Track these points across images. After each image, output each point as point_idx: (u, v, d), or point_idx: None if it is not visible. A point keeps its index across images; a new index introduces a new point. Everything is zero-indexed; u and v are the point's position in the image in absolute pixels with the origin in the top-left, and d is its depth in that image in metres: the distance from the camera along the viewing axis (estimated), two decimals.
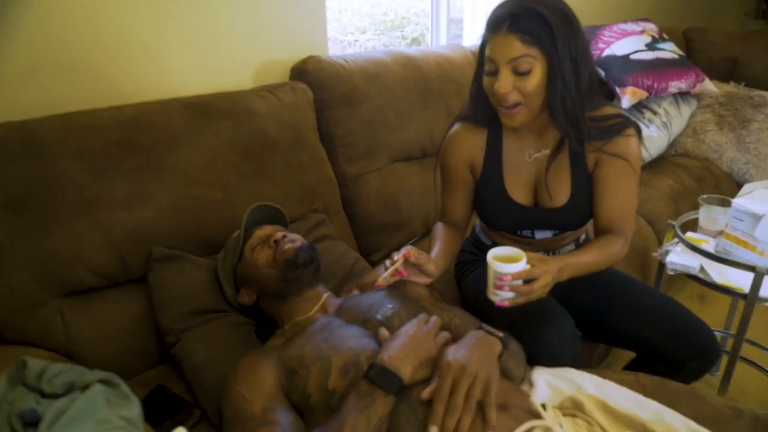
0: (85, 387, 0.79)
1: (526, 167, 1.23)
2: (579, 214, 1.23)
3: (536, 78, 1.04)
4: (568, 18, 1.04)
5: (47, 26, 1.24)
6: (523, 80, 1.05)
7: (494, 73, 1.07)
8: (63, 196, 1.15)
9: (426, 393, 0.84)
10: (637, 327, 1.24)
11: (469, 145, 1.26)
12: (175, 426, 1.00)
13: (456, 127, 1.29)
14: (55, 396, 0.78)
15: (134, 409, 0.78)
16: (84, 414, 0.71)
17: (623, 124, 1.15)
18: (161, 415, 1.06)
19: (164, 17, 1.42)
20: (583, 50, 1.06)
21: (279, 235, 1.16)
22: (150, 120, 1.29)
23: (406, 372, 0.84)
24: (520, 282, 1.01)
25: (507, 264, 1.00)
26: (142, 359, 1.24)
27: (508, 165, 1.24)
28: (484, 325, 0.99)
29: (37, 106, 1.23)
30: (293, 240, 1.17)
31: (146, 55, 1.42)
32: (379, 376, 0.82)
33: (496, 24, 1.05)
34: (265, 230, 1.20)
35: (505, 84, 1.05)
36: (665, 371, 1.22)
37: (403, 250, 1.10)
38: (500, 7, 1.06)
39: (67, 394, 0.77)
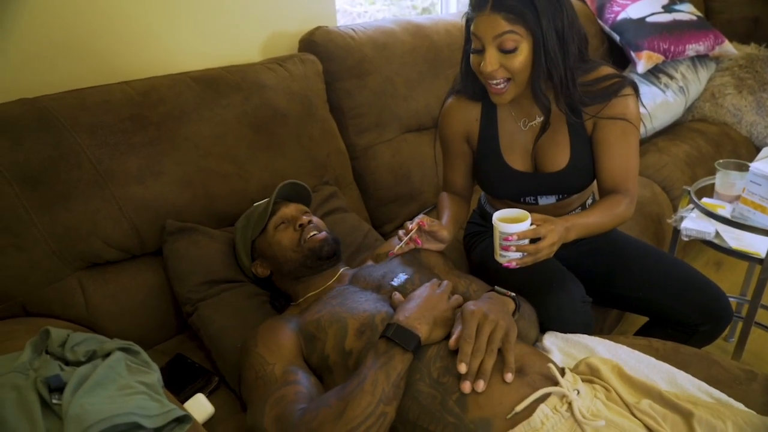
0: (106, 355, 0.82)
1: (522, 135, 1.23)
2: (580, 177, 1.22)
3: (522, 55, 1.04)
4: None
5: (55, 7, 1.25)
6: (509, 58, 1.05)
7: (480, 51, 1.07)
8: (78, 172, 1.16)
9: (452, 342, 0.86)
10: (648, 291, 1.24)
11: (463, 118, 1.27)
12: (194, 392, 1.04)
13: (450, 100, 1.29)
14: (78, 363, 0.80)
15: (154, 375, 0.80)
16: (106, 380, 0.74)
17: (619, 85, 1.13)
18: (181, 383, 1.09)
19: None
20: (569, 22, 1.05)
21: (305, 219, 1.17)
22: (160, 94, 1.30)
23: (423, 330, 0.86)
24: (526, 242, 1.01)
25: (512, 224, 1.00)
26: (161, 330, 1.27)
27: (503, 134, 1.24)
28: (497, 287, 1.01)
29: (47, 85, 1.24)
30: (318, 228, 1.18)
31: (152, 31, 1.42)
32: (396, 335, 0.84)
33: (480, 2, 1.04)
34: (291, 209, 1.21)
35: (491, 62, 1.05)
36: (678, 335, 1.23)
37: (417, 219, 1.11)
38: None
39: (90, 362, 0.80)
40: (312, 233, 1.15)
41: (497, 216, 1.03)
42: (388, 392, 0.79)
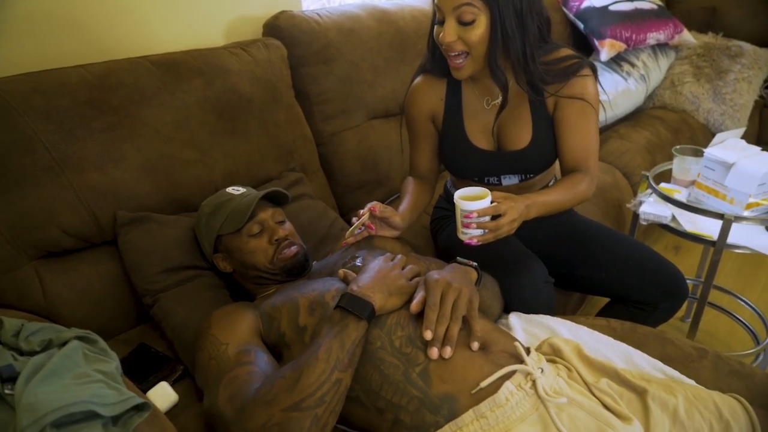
0: (62, 344, 0.80)
1: (486, 114, 1.25)
2: (541, 155, 1.24)
3: (480, 29, 1.06)
4: None
5: None
6: (467, 30, 1.07)
7: (441, 23, 1.09)
8: (33, 157, 1.12)
9: (414, 306, 0.88)
10: (610, 272, 1.27)
11: (429, 98, 1.28)
12: (158, 381, 1.02)
13: (417, 80, 1.30)
14: (32, 353, 0.78)
15: (112, 364, 0.79)
16: (61, 368, 0.72)
17: (578, 65, 1.16)
18: (145, 371, 1.08)
19: None
20: (529, 2, 1.06)
21: (281, 234, 1.12)
22: (119, 78, 1.26)
23: (376, 298, 0.87)
24: (487, 219, 1.03)
25: (473, 202, 1.02)
26: (123, 319, 1.25)
27: (467, 113, 1.26)
28: (459, 258, 1.03)
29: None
30: (290, 238, 1.14)
31: (110, 13, 1.38)
32: (349, 303, 0.85)
33: None
34: (267, 213, 1.15)
35: (449, 33, 1.07)
36: (638, 313, 1.27)
37: (369, 205, 1.12)
38: None
39: (45, 351, 0.78)
40: (285, 252, 1.11)
41: (458, 194, 1.05)
42: (343, 359, 0.80)
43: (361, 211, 1.13)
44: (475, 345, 0.86)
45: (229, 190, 1.21)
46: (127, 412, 0.72)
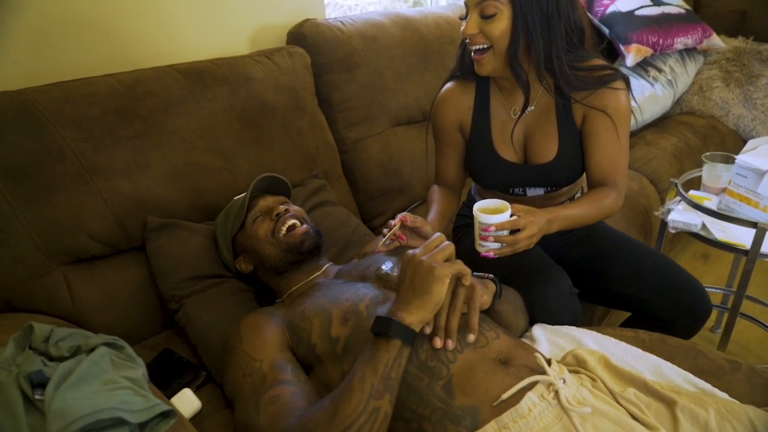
0: (90, 350, 0.81)
1: (513, 125, 1.23)
2: (568, 169, 1.22)
3: (502, 23, 1.07)
4: None
5: None
6: (489, 24, 1.07)
7: (466, 18, 1.10)
8: (63, 165, 1.15)
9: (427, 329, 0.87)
10: (627, 286, 1.24)
11: (457, 107, 1.27)
12: (181, 387, 1.03)
13: (446, 87, 1.29)
14: (61, 359, 0.80)
15: (139, 370, 0.80)
16: (90, 375, 0.73)
17: (611, 77, 1.14)
18: (168, 378, 1.09)
19: None
20: (558, 4, 1.06)
21: (281, 208, 1.16)
22: (146, 87, 1.29)
23: (405, 316, 0.81)
24: (505, 233, 1.01)
25: (491, 215, 1.00)
26: (148, 325, 1.26)
27: (495, 123, 1.24)
28: (474, 273, 0.99)
29: (27, 78, 1.23)
30: (296, 217, 1.16)
31: (139, 23, 1.41)
32: (376, 326, 0.82)
33: None
34: (268, 201, 1.20)
35: (471, 25, 1.08)
36: (658, 329, 1.23)
37: (400, 216, 1.11)
38: None
39: (73, 357, 0.79)
40: (289, 223, 1.14)
41: (477, 206, 1.04)
42: (377, 385, 0.77)
43: (392, 222, 1.12)
44: (471, 337, 0.86)
45: (236, 198, 1.25)
46: (153, 419, 0.72)
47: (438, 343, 0.85)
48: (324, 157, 1.61)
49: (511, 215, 1.01)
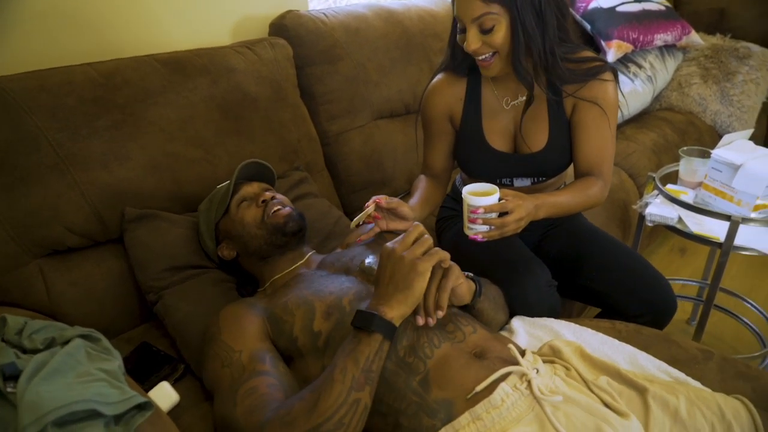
0: (65, 342, 0.80)
1: (504, 114, 1.24)
2: (557, 159, 1.24)
3: (502, 32, 1.07)
4: None
5: None
6: (490, 36, 1.07)
7: (464, 31, 1.10)
8: (38, 155, 1.13)
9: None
10: (594, 282, 1.25)
11: (448, 96, 1.27)
12: (159, 380, 1.02)
13: (437, 78, 1.29)
14: (35, 351, 0.78)
15: (115, 362, 0.79)
16: (64, 366, 0.72)
17: (600, 68, 1.16)
18: (146, 371, 1.08)
19: None
20: None
21: (268, 195, 1.16)
22: (125, 77, 1.27)
23: (386, 311, 0.81)
24: (493, 215, 1.02)
25: (480, 197, 1.01)
26: (126, 318, 1.25)
27: (486, 113, 1.25)
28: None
29: (3, 60, 1.21)
30: (283, 204, 1.16)
31: (118, 12, 1.38)
32: (357, 320, 0.82)
33: None
34: (253, 187, 1.20)
35: (473, 41, 1.08)
36: None
37: (374, 198, 1.11)
38: None
39: (48, 349, 0.78)
40: (276, 208, 1.14)
41: (467, 189, 1.05)
42: (358, 378, 0.78)
43: (366, 204, 1.12)
44: (439, 313, 0.85)
45: (219, 186, 1.25)
46: (129, 412, 0.72)
47: (420, 321, 0.86)
48: (306, 150, 1.60)
49: (500, 199, 1.03)
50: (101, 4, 1.35)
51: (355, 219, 1.13)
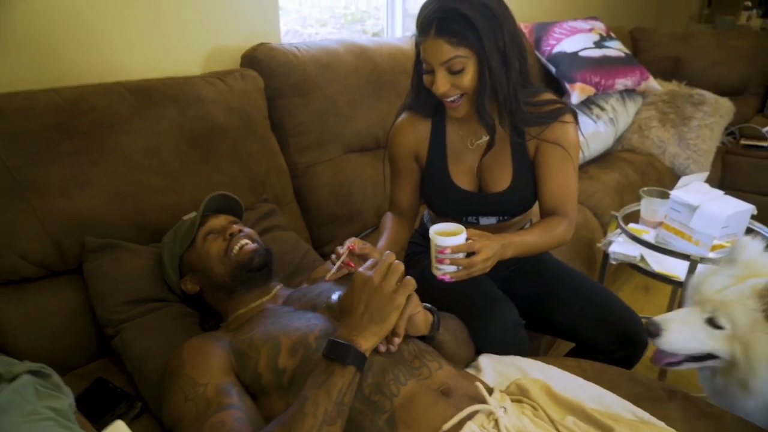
0: (13, 378, 0.76)
1: (469, 154, 1.26)
2: (521, 199, 1.26)
3: (470, 74, 1.09)
4: (491, 11, 1.06)
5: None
6: (459, 78, 1.09)
7: (431, 72, 1.11)
8: None
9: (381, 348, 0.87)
10: (567, 317, 1.26)
11: (413, 136, 1.28)
12: (114, 418, 0.97)
13: (402, 117, 1.31)
14: None
15: (65, 400, 0.75)
16: (10, 405, 0.68)
17: (560, 111, 1.19)
18: (101, 408, 1.03)
19: None
20: (510, 38, 1.08)
21: (235, 228, 1.14)
22: (90, 103, 1.24)
23: (360, 341, 0.80)
24: (461, 255, 1.02)
25: (447, 237, 1.01)
26: (82, 352, 1.19)
27: (451, 153, 1.27)
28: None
29: None
30: (249, 237, 1.14)
31: (93, 35, 1.37)
32: (331, 351, 0.80)
33: (424, 28, 1.08)
34: (220, 220, 1.18)
35: (442, 84, 1.10)
36: (600, 360, 1.25)
37: (348, 243, 1.10)
38: (425, 8, 1.08)
39: None
40: (242, 242, 1.12)
41: (434, 229, 1.05)
42: (331, 411, 0.76)
43: (340, 249, 1.11)
44: (396, 341, 0.86)
45: (185, 217, 1.22)
46: None
47: (381, 348, 0.86)
48: (275, 181, 1.59)
49: (467, 239, 1.03)
50: (71, 31, 1.33)
51: (331, 269, 1.09)
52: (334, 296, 1.03)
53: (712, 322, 1.01)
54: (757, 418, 0.98)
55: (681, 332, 1.03)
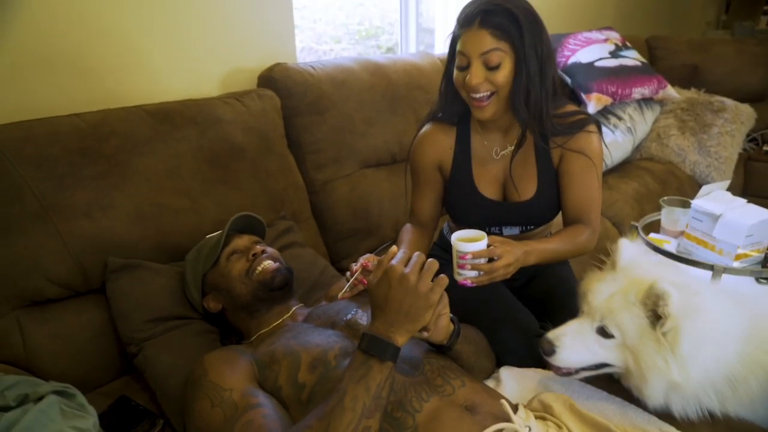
0: (39, 399, 0.77)
1: (494, 164, 1.26)
2: (545, 208, 1.26)
3: (506, 71, 1.09)
4: (535, 17, 1.09)
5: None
6: (494, 73, 1.09)
7: (465, 68, 1.11)
8: (21, 205, 1.12)
9: None
10: None
11: (437, 146, 1.29)
12: None
13: (426, 128, 1.31)
14: (7, 408, 0.76)
15: (90, 420, 0.76)
16: (36, 425, 0.69)
17: (585, 121, 1.19)
18: (124, 426, 1.04)
19: (138, 22, 1.42)
20: (548, 50, 1.10)
21: (258, 248, 1.16)
22: (112, 127, 1.28)
23: (397, 339, 0.80)
24: (482, 261, 1.03)
25: (469, 243, 1.02)
26: (105, 371, 1.21)
27: (476, 162, 1.27)
28: None
29: None
30: (272, 257, 1.16)
31: (107, 65, 1.41)
32: (370, 346, 0.80)
33: (468, 19, 1.09)
34: (244, 240, 1.19)
35: (477, 75, 1.09)
36: None
37: (361, 260, 1.11)
38: (471, 4, 1.10)
39: (20, 407, 0.75)
40: (264, 264, 1.13)
41: (456, 235, 1.06)
42: (369, 405, 0.76)
43: (354, 267, 1.12)
44: (425, 335, 0.89)
45: (208, 237, 1.24)
46: None
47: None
48: (293, 198, 1.61)
49: (488, 245, 1.03)
50: (90, 55, 1.37)
51: (345, 288, 1.11)
52: (352, 314, 1.03)
53: (602, 332, 0.97)
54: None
55: (574, 346, 0.98)
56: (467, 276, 1.04)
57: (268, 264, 1.14)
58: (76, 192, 1.19)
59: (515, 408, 0.90)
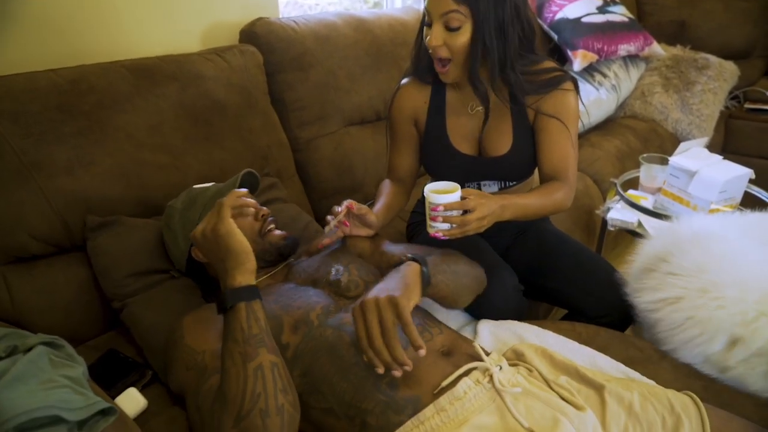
0: (28, 350, 0.80)
1: (469, 119, 1.27)
2: (521, 163, 1.27)
3: (465, 36, 1.09)
4: None
5: None
6: (453, 36, 1.09)
7: (430, 25, 1.11)
8: (1, 162, 1.12)
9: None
10: (559, 283, 1.29)
11: (412, 101, 1.29)
12: (126, 387, 1.02)
13: (403, 82, 1.32)
14: None
15: (79, 369, 0.79)
16: (26, 374, 0.72)
17: (560, 78, 1.18)
18: (113, 377, 1.07)
19: None
20: (514, 12, 1.09)
21: (266, 210, 1.17)
22: (90, 83, 1.26)
23: (232, 282, 0.83)
24: (455, 213, 1.03)
25: (441, 195, 1.02)
26: (93, 325, 1.24)
27: (451, 117, 1.27)
28: (407, 255, 0.98)
29: None
30: (276, 224, 1.18)
31: (89, 14, 1.37)
32: (220, 307, 0.82)
33: None
34: (241, 194, 1.17)
35: (436, 37, 1.10)
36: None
37: (345, 203, 1.13)
38: None
39: (9, 357, 0.77)
40: (271, 227, 1.15)
41: (428, 187, 1.06)
42: (246, 350, 0.77)
43: (338, 209, 1.13)
44: (422, 352, 0.82)
45: (197, 186, 1.22)
46: (92, 417, 0.72)
47: (398, 374, 0.82)
48: (277, 156, 1.61)
49: (462, 197, 1.04)
50: (67, 9, 1.34)
51: (327, 227, 1.13)
52: (333, 272, 1.06)
53: None
54: None
55: None
56: (439, 228, 1.05)
57: (274, 227, 1.16)
58: (57, 148, 1.18)
59: (488, 353, 0.94)
